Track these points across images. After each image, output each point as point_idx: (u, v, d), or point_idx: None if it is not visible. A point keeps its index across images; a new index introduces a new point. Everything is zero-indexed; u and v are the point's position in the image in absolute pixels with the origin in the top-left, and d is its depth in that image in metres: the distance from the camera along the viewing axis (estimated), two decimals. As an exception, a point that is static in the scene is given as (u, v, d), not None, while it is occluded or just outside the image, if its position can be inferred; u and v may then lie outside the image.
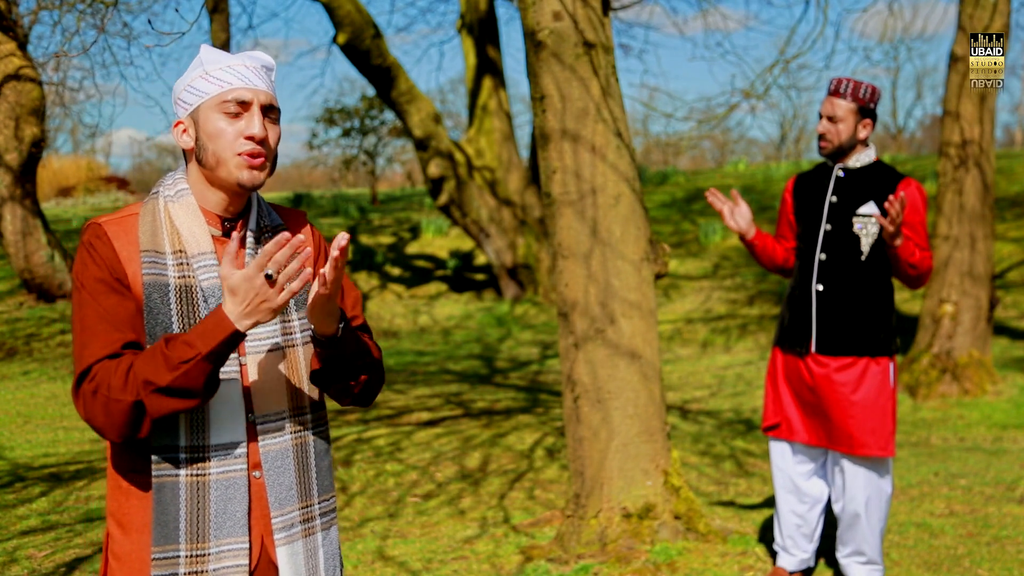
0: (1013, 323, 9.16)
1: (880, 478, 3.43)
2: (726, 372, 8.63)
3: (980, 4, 7.19)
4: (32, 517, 4.51)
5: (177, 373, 1.53)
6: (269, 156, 1.68)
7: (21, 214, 10.21)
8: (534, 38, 3.84)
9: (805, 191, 3.61)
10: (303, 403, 1.73)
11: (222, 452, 1.63)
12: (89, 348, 1.61)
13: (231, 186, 1.67)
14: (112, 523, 1.70)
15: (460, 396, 7.53)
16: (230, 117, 1.65)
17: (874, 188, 3.44)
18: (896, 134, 37.21)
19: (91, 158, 32.90)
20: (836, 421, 3.42)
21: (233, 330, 1.55)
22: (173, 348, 1.55)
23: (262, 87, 1.67)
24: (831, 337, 3.44)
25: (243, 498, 1.65)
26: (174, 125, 1.70)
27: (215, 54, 1.67)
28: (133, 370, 1.56)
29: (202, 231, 1.68)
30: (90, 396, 1.58)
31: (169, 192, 1.71)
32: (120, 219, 1.68)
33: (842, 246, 3.45)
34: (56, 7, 8.61)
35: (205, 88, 1.65)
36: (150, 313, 1.62)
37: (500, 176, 12.07)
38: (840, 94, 3.41)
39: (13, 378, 8.58)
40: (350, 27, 9.96)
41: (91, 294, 1.62)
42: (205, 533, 1.62)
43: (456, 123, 33.67)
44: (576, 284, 3.90)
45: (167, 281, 1.63)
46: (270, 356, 1.69)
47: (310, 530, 1.73)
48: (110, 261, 1.63)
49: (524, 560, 3.92)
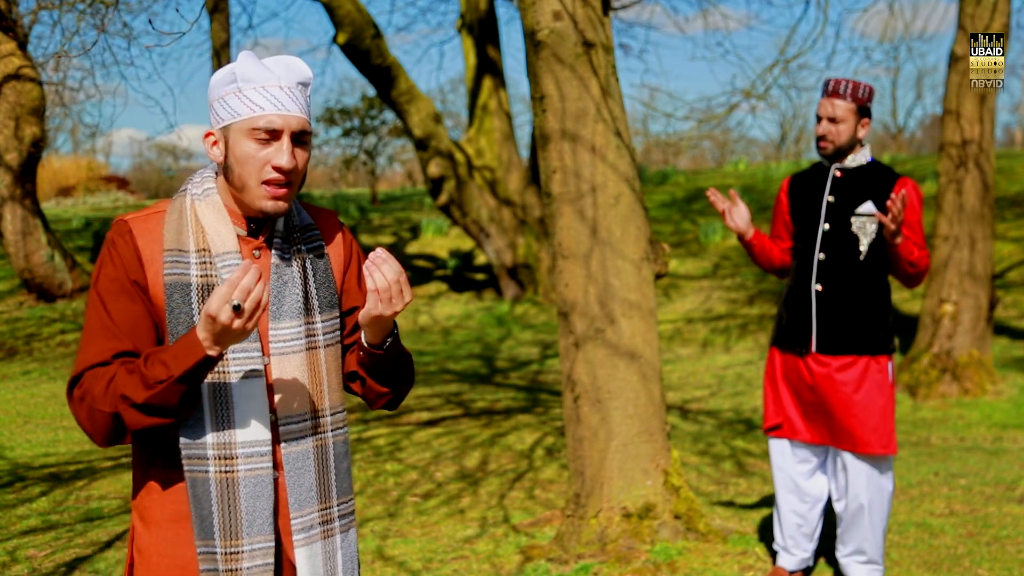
0: (1013, 323, 9.16)
1: (882, 475, 3.44)
2: (726, 372, 8.63)
3: (980, 4, 7.19)
4: (32, 517, 4.51)
5: (151, 392, 1.54)
6: (296, 182, 1.67)
7: (21, 214, 10.21)
8: (534, 38, 3.84)
9: (801, 191, 3.61)
10: (324, 405, 1.73)
11: (248, 450, 1.64)
12: (84, 353, 1.64)
13: (254, 211, 1.68)
14: (136, 516, 1.72)
15: (460, 396, 7.53)
16: (260, 143, 1.63)
17: (871, 187, 3.44)
18: (896, 134, 37.21)
19: (91, 158, 32.92)
20: (838, 420, 3.42)
21: (204, 355, 1.54)
22: (150, 367, 1.55)
23: (294, 112, 1.64)
24: (831, 336, 3.44)
25: (269, 496, 1.66)
26: (205, 135, 1.70)
27: (252, 70, 1.64)
28: (114, 383, 1.57)
29: (227, 230, 1.68)
30: (78, 401, 1.61)
31: (196, 190, 1.71)
32: (147, 216, 1.69)
33: (841, 246, 3.45)
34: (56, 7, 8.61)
35: (237, 108, 1.64)
36: (171, 313, 1.63)
37: (500, 176, 12.07)
38: (840, 95, 3.40)
39: (13, 378, 8.58)
40: (350, 27, 9.96)
41: (102, 295, 1.64)
42: (237, 531, 1.63)
43: (456, 123, 33.68)
44: (576, 284, 3.90)
45: (189, 280, 1.63)
46: (293, 358, 1.69)
47: (329, 532, 1.74)
48: (128, 261, 1.64)
49: (524, 560, 3.92)
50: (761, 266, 3.73)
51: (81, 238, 14.61)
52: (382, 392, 1.79)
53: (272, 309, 1.68)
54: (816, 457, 3.62)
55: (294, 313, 1.69)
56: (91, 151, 34.60)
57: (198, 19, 3.15)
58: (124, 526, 4.39)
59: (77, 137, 33.11)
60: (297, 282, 1.70)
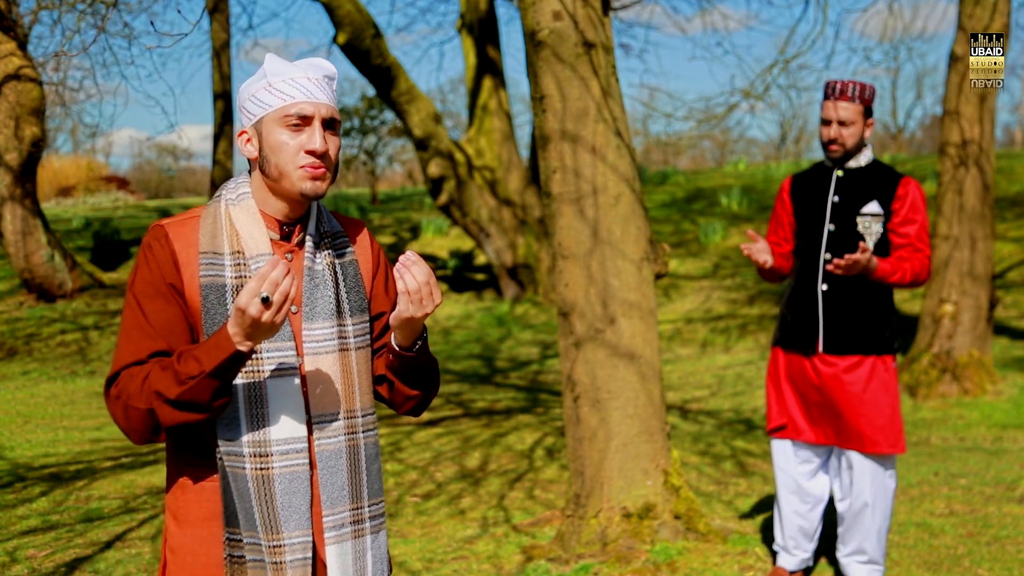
0: (1013, 323, 9.16)
1: (886, 473, 3.45)
2: (726, 372, 8.63)
3: (980, 4, 7.19)
4: (32, 517, 4.51)
5: (183, 388, 1.58)
6: (330, 167, 1.72)
7: (21, 214, 10.21)
8: (534, 38, 3.84)
9: (804, 192, 3.61)
10: (356, 406, 1.77)
11: (283, 447, 1.67)
12: (121, 353, 1.68)
13: (294, 196, 1.71)
14: (169, 516, 1.75)
15: (460, 396, 7.53)
16: (292, 130, 1.69)
17: (875, 187, 3.45)
18: (896, 134, 37.20)
19: (91, 158, 32.91)
20: (846, 419, 3.42)
21: (234, 350, 1.58)
22: (183, 363, 1.59)
23: (324, 100, 1.71)
24: (838, 336, 3.44)
25: (306, 492, 1.69)
26: (238, 134, 1.76)
27: (279, 65, 1.71)
28: (148, 380, 1.61)
29: (261, 234, 1.72)
30: (114, 399, 1.66)
31: (231, 196, 1.76)
32: (183, 221, 1.73)
33: (846, 246, 3.45)
34: (56, 7, 8.61)
35: (268, 100, 1.70)
36: (207, 314, 1.67)
37: (500, 176, 12.06)
38: (849, 97, 3.40)
39: (13, 378, 8.58)
40: (350, 27, 9.96)
41: (137, 297, 1.68)
42: (276, 525, 1.66)
43: (456, 123, 33.68)
44: (576, 284, 3.90)
45: (224, 282, 1.68)
46: (327, 358, 1.73)
47: (359, 532, 1.76)
48: (164, 265, 1.68)
49: (524, 560, 3.92)
50: (768, 280, 3.72)
51: (81, 238, 14.61)
52: (410, 395, 1.83)
53: (305, 310, 1.72)
54: (818, 457, 3.62)
55: (327, 314, 1.73)
56: (91, 151, 34.61)
57: (200, 20, 3.15)
58: (124, 526, 4.39)
59: (77, 137, 33.12)
60: (329, 284, 1.75)
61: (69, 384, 8.44)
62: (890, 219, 3.44)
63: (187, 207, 19.35)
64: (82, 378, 8.74)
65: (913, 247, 3.43)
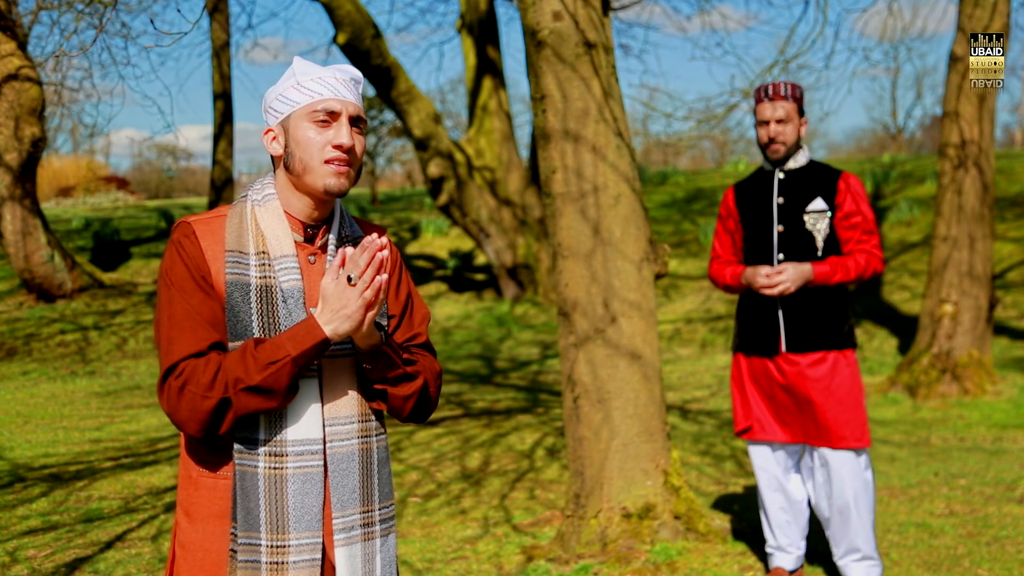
0: (1013, 323, 9.16)
1: (864, 469, 3.48)
2: (726, 372, 8.63)
3: (980, 4, 7.19)
4: (32, 517, 4.51)
5: (267, 373, 1.61)
6: (355, 165, 1.75)
7: (21, 214, 10.21)
8: (534, 38, 3.84)
9: (749, 197, 3.68)
10: (368, 409, 1.78)
11: (299, 448, 1.69)
12: (177, 344, 1.67)
13: (317, 192, 1.72)
14: (180, 512, 1.76)
15: (460, 396, 7.53)
16: (319, 126, 1.71)
17: (816, 184, 3.54)
18: (896, 134, 37.21)
19: (91, 158, 32.91)
20: (812, 416, 3.47)
21: (323, 337, 1.63)
22: (262, 350, 1.63)
23: (351, 99, 1.74)
24: (800, 335, 3.50)
25: (318, 494, 1.70)
26: (264, 132, 1.78)
27: (307, 66, 1.75)
28: (223, 369, 1.63)
29: (285, 234, 1.74)
30: (176, 392, 1.65)
31: (256, 196, 1.78)
32: (209, 219, 1.75)
33: (797, 245, 3.52)
34: (55, 7, 8.61)
35: (296, 98, 1.73)
36: (231, 311, 1.69)
37: (500, 176, 12.07)
38: (783, 96, 3.51)
39: (13, 378, 8.58)
40: (350, 27, 9.97)
41: (180, 291, 1.69)
42: (285, 525, 1.67)
43: (456, 123, 33.67)
44: (576, 284, 3.90)
45: (248, 280, 1.69)
46: (342, 362, 1.75)
47: (369, 535, 1.77)
48: (196, 260, 1.70)
49: (525, 560, 3.92)
50: (736, 293, 3.76)
51: (81, 238, 14.61)
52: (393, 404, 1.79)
53: None
54: (790, 458, 3.65)
55: None
56: (91, 151, 34.60)
57: (199, 20, 3.15)
58: (124, 526, 4.39)
59: (77, 137, 33.09)
60: None
61: (69, 384, 8.44)
62: (835, 214, 3.51)
63: (187, 207, 19.37)
64: (82, 378, 8.74)
65: (859, 239, 3.51)
